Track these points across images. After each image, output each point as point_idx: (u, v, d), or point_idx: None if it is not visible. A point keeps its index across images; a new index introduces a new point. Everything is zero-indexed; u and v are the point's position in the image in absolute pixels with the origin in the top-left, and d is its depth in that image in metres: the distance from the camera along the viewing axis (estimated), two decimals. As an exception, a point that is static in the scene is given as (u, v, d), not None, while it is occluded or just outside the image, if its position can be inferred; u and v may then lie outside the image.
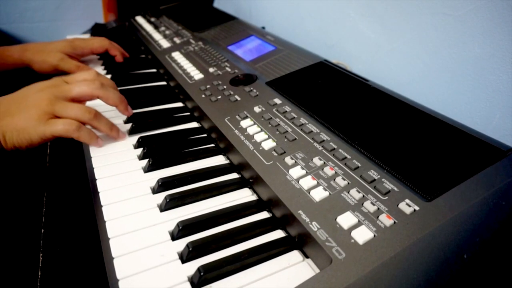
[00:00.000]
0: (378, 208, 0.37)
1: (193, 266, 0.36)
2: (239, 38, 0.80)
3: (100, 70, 0.82)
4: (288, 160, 0.45)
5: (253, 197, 0.46)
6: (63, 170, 0.54)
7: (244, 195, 0.47)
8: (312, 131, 0.49)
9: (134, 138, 0.56)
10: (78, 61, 0.79)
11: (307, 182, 0.41)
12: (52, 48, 0.76)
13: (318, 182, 0.41)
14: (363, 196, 0.38)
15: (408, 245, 0.33)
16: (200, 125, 0.61)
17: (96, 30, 1.12)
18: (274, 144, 0.48)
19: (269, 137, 0.49)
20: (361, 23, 0.79)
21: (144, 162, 0.51)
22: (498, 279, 0.40)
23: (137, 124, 0.59)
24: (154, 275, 0.36)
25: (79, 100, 0.55)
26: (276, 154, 0.46)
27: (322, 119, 0.50)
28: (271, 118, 0.53)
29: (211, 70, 0.69)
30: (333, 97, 0.55)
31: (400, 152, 0.43)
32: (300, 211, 0.38)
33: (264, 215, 0.44)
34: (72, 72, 0.75)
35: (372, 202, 0.38)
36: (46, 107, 0.49)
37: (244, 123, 0.53)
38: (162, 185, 0.46)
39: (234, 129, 0.53)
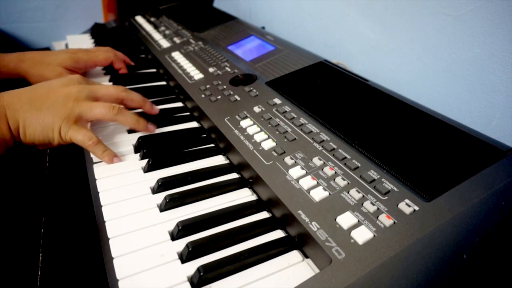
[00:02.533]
0: (378, 208, 0.37)
1: (193, 266, 0.36)
2: (239, 38, 0.80)
3: (100, 70, 0.82)
4: (288, 160, 0.45)
5: (253, 197, 0.46)
6: (63, 170, 0.54)
7: (244, 195, 0.47)
8: (312, 131, 0.49)
9: (134, 138, 0.56)
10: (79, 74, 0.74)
11: (307, 182, 0.41)
12: (51, 60, 0.68)
13: (318, 182, 0.41)
14: (363, 196, 0.38)
15: (408, 245, 0.33)
16: (200, 125, 0.61)
17: (96, 30, 1.12)
18: (274, 144, 0.48)
19: (269, 137, 0.49)
20: (361, 23, 0.79)
21: (144, 162, 0.51)
22: (498, 279, 0.40)
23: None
24: (154, 275, 0.36)
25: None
26: (276, 154, 0.46)
27: (322, 119, 0.50)
28: (271, 118, 0.53)
29: (211, 70, 0.69)
30: (333, 97, 0.55)
31: (400, 152, 0.43)
32: (299, 211, 0.38)
33: (263, 215, 0.44)
34: None
35: (371, 202, 0.38)
36: (73, 107, 0.49)
37: (244, 123, 0.53)
38: (162, 185, 0.46)
39: (234, 129, 0.53)
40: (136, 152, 0.54)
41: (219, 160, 0.53)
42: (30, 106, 0.47)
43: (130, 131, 0.59)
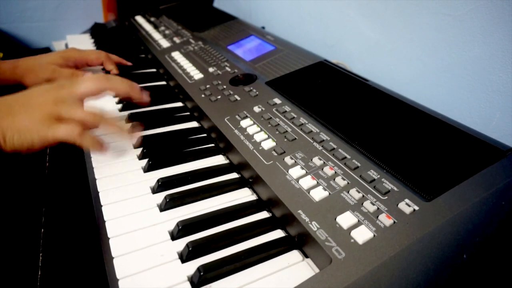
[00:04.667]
0: (378, 208, 0.37)
1: (193, 265, 0.36)
2: (239, 38, 0.80)
3: (100, 70, 0.82)
4: (288, 160, 0.45)
5: (253, 197, 0.46)
6: (63, 170, 0.54)
7: (244, 195, 0.47)
8: (311, 131, 0.49)
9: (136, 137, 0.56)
10: (73, 69, 0.74)
11: (307, 182, 0.41)
12: (43, 61, 0.71)
13: (317, 182, 0.41)
14: (363, 196, 0.38)
15: (407, 245, 0.33)
16: (200, 125, 0.61)
17: (96, 29, 1.12)
18: (273, 144, 0.48)
19: (268, 137, 0.49)
20: (361, 23, 0.79)
21: (144, 161, 0.51)
22: (498, 279, 0.40)
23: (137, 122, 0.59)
24: (154, 274, 0.36)
25: (87, 98, 0.52)
26: (275, 154, 0.46)
27: (321, 119, 0.50)
28: (271, 118, 0.53)
29: (210, 70, 0.69)
30: (333, 97, 0.55)
31: (400, 152, 0.43)
32: (299, 211, 0.38)
33: (263, 215, 0.44)
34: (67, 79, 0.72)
35: (371, 202, 0.38)
36: (51, 109, 0.47)
37: (244, 123, 0.53)
38: (162, 184, 0.46)
39: (233, 129, 0.53)
40: (135, 151, 0.54)
41: (219, 160, 0.53)
42: (7, 113, 0.46)
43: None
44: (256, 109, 0.55)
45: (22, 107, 0.47)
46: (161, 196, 0.45)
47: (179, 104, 0.68)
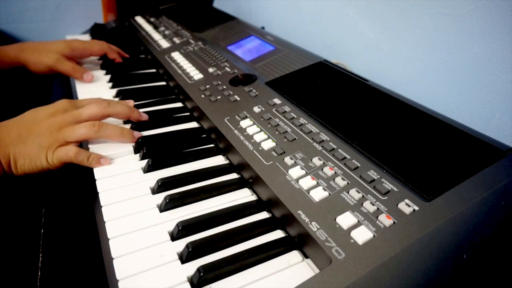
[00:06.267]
0: (378, 208, 0.37)
1: (193, 266, 0.37)
2: (239, 38, 0.80)
3: (100, 70, 0.82)
4: (288, 160, 0.45)
5: (253, 197, 0.46)
6: (63, 170, 0.54)
7: (244, 195, 0.47)
8: (311, 131, 0.49)
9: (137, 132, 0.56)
10: (75, 63, 0.78)
11: (307, 182, 0.41)
12: (49, 48, 0.75)
13: (317, 182, 0.41)
14: (363, 196, 0.38)
15: (407, 245, 0.33)
16: (200, 125, 0.61)
17: (96, 30, 1.12)
18: (273, 144, 0.48)
19: (268, 137, 0.49)
20: (361, 23, 0.79)
21: (144, 162, 0.51)
22: (498, 279, 0.40)
23: (136, 124, 0.59)
24: (154, 275, 0.36)
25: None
26: (275, 154, 0.46)
27: (321, 119, 0.50)
28: (271, 118, 0.53)
29: (210, 70, 0.69)
30: (332, 97, 0.55)
31: (400, 152, 0.43)
32: (299, 211, 0.38)
33: (263, 215, 0.44)
34: (68, 74, 0.75)
35: (371, 202, 0.38)
36: (57, 135, 0.50)
37: (244, 123, 0.53)
38: (162, 185, 0.46)
39: (233, 129, 0.53)
40: (136, 152, 0.54)
41: (219, 160, 0.53)
42: (18, 140, 0.49)
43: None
44: (256, 109, 0.55)
45: (30, 133, 0.50)
46: (161, 197, 0.45)
47: (179, 104, 0.68)
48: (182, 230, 0.40)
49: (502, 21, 0.54)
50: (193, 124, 0.62)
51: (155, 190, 0.46)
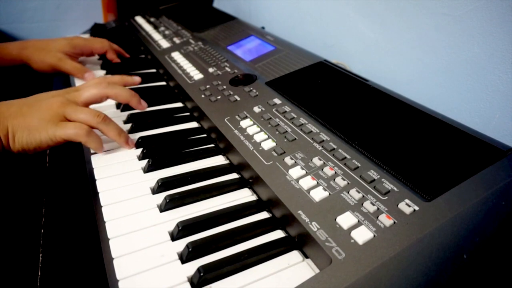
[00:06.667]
0: (378, 208, 0.37)
1: (193, 266, 0.37)
2: (239, 38, 0.80)
3: (100, 70, 0.82)
4: (288, 160, 0.45)
5: (253, 197, 0.46)
6: (63, 170, 0.54)
7: (244, 195, 0.47)
8: (311, 131, 0.49)
9: (134, 138, 0.56)
10: (77, 61, 0.78)
11: (307, 182, 0.41)
12: (52, 47, 0.75)
13: (317, 182, 0.41)
14: (363, 196, 0.38)
15: (408, 245, 0.33)
16: (200, 125, 0.61)
17: (96, 30, 1.12)
18: (273, 144, 0.48)
19: (268, 137, 0.49)
20: (361, 23, 0.79)
21: (144, 162, 0.51)
22: (498, 279, 0.40)
23: (136, 124, 0.59)
24: (154, 275, 0.36)
25: (91, 104, 0.55)
26: (275, 154, 0.46)
27: (321, 119, 0.50)
28: (271, 118, 0.53)
29: (210, 70, 0.69)
30: (332, 97, 0.55)
31: (400, 152, 0.43)
32: (299, 211, 0.38)
33: (264, 215, 0.44)
34: (70, 73, 0.75)
35: (371, 202, 0.38)
36: (58, 109, 0.50)
37: (244, 123, 0.53)
38: (162, 185, 0.46)
39: (233, 129, 0.53)
40: (135, 152, 0.54)
41: (219, 160, 0.53)
42: (18, 113, 0.49)
43: (130, 131, 0.59)
44: (256, 109, 0.55)
45: (31, 108, 0.50)
46: (161, 197, 0.45)
47: (179, 104, 0.68)
48: (182, 230, 0.40)
49: (502, 21, 0.54)
50: (193, 124, 0.62)
51: (155, 190, 0.46)
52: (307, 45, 0.74)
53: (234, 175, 0.50)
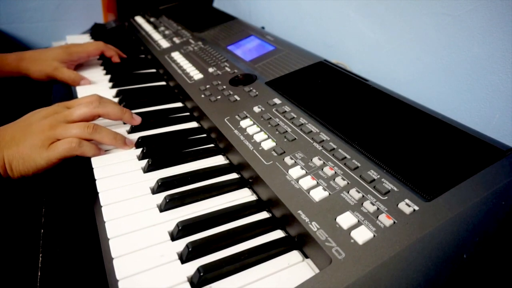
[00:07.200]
0: (378, 208, 0.37)
1: (193, 266, 0.36)
2: (239, 38, 0.80)
3: (100, 70, 0.82)
4: (288, 160, 0.45)
5: (253, 197, 0.46)
6: (63, 170, 0.54)
7: (244, 195, 0.47)
8: (311, 131, 0.49)
9: (134, 138, 0.56)
10: (73, 69, 0.78)
11: (307, 182, 0.41)
12: (48, 56, 0.75)
13: (317, 182, 0.41)
14: (363, 196, 0.38)
15: (408, 245, 0.33)
16: (200, 125, 0.61)
17: (96, 30, 1.12)
18: (273, 144, 0.48)
19: (268, 137, 0.49)
20: (361, 23, 0.79)
21: (144, 162, 0.51)
22: (498, 279, 0.40)
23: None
24: (154, 275, 0.36)
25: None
26: (275, 154, 0.46)
27: (321, 119, 0.50)
28: (271, 118, 0.53)
29: (210, 70, 0.69)
30: (332, 97, 0.55)
31: (400, 152, 0.43)
32: (299, 211, 0.38)
33: (263, 215, 0.44)
34: (66, 82, 0.75)
35: (371, 202, 0.38)
36: (48, 132, 0.50)
37: (244, 123, 0.53)
38: (162, 185, 0.46)
39: (233, 129, 0.53)
40: (135, 152, 0.54)
41: (219, 160, 0.53)
42: (11, 143, 0.50)
43: (130, 132, 0.59)
44: (256, 109, 0.55)
45: (23, 135, 0.50)
46: (161, 197, 0.45)
47: (179, 104, 0.68)
48: (182, 230, 0.40)
49: (502, 21, 0.54)
50: (193, 124, 0.62)
51: (155, 190, 0.46)
52: (307, 45, 0.74)
53: (234, 175, 0.50)
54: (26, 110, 0.55)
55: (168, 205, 0.44)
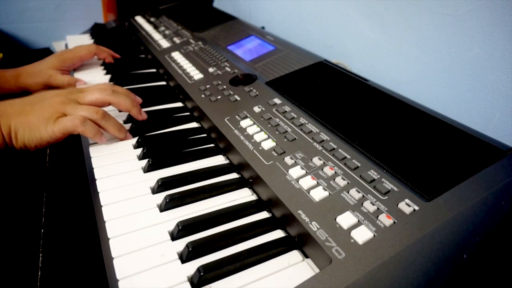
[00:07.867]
0: (378, 208, 0.37)
1: (193, 266, 0.36)
2: (239, 38, 0.80)
3: (100, 70, 0.82)
4: (288, 160, 0.45)
5: (253, 197, 0.46)
6: (63, 170, 0.54)
7: (244, 195, 0.47)
8: (311, 131, 0.49)
9: (134, 138, 0.56)
10: (69, 74, 0.78)
11: (307, 182, 0.41)
12: (42, 67, 0.76)
13: (317, 182, 0.41)
14: (363, 196, 0.38)
15: (408, 245, 0.33)
16: (200, 125, 0.61)
17: (96, 30, 1.12)
18: (273, 144, 0.48)
19: (268, 137, 0.49)
20: (361, 23, 0.79)
21: (144, 162, 0.51)
22: (498, 278, 0.40)
23: (137, 123, 0.59)
24: (154, 275, 0.36)
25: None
26: (275, 154, 0.46)
27: (321, 119, 0.50)
28: (271, 118, 0.53)
29: (210, 70, 0.69)
30: (332, 97, 0.55)
31: (400, 152, 0.43)
32: (299, 211, 0.38)
33: (263, 215, 0.44)
34: (63, 85, 0.75)
35: (371, 202, 0.38)
36: (58, 107, 0.51)
37: (244, 123, 0.53)
38: (162, 185, 0.46)
39: (233, 129, 0.53)
40: (135, 151, 0.54)
41: (219, 160, 0.53)
42: (21, 112, 0.51)
43: (130, 131, 0.59)
44: (256, 109, 0.55)
45: (33, 107, 0.52)
46: (161, 197, 0.45)
47: (179, 104, 0.68)
48: (182, 230, 0.40)
49: (502, 21, 0.54)
50: (193, 124, 0.62)
51: (155, 190, 0.46)
52: (307, 45, 0.74)
53: (234, 175, 0.50)
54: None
55: (168, 205, 0.44)
